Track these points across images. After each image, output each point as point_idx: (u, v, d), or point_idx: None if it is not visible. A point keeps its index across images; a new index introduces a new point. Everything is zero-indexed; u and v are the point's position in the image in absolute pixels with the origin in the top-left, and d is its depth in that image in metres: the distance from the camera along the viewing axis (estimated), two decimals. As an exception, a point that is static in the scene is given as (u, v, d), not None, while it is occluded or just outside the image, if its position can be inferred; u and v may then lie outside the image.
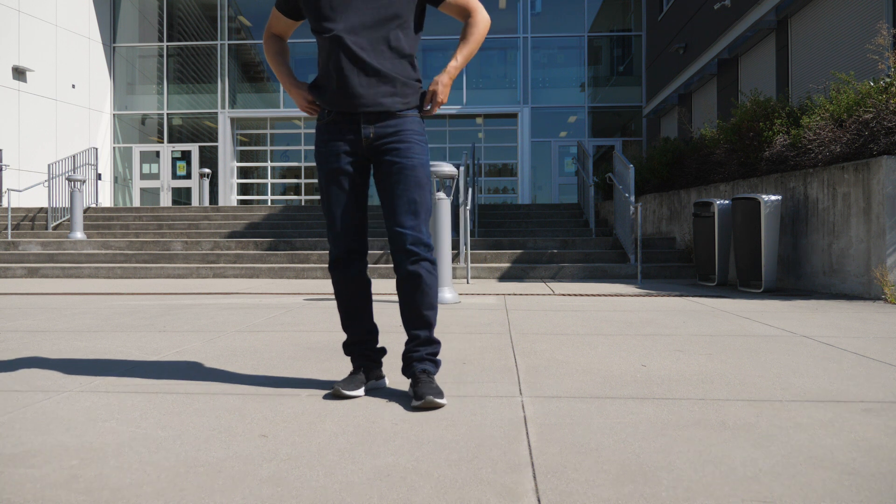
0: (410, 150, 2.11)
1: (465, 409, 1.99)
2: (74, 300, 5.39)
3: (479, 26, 2.18)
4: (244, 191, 18.51)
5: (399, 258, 2.12)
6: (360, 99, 2.06)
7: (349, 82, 2.05)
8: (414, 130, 2.13)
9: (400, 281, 2.15)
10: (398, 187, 2.09)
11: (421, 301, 2.13)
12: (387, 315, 4.28)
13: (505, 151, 17.93)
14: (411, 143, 2.12)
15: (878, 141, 5.18)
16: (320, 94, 2.14)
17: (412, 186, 2.10)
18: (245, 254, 8.80)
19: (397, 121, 2.11)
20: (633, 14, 17.80)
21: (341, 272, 2.18)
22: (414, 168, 2.11)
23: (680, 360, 2.76)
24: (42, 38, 15.70)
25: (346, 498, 1.33)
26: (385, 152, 2.11)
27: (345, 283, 2.19)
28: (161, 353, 2.94)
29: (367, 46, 2.05)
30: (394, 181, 2.10)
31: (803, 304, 4.91)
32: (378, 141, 2.10)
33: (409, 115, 2.13)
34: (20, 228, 11.76)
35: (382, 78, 2.07)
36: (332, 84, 2.08)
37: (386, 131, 2.10)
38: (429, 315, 2.15)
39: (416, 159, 2.12)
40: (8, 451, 1.61)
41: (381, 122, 2.09)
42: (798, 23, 9.51)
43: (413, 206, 2.10)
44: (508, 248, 8.79)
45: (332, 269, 2.20)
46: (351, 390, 2.10)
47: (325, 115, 2.14)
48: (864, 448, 1.62)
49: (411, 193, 2.10)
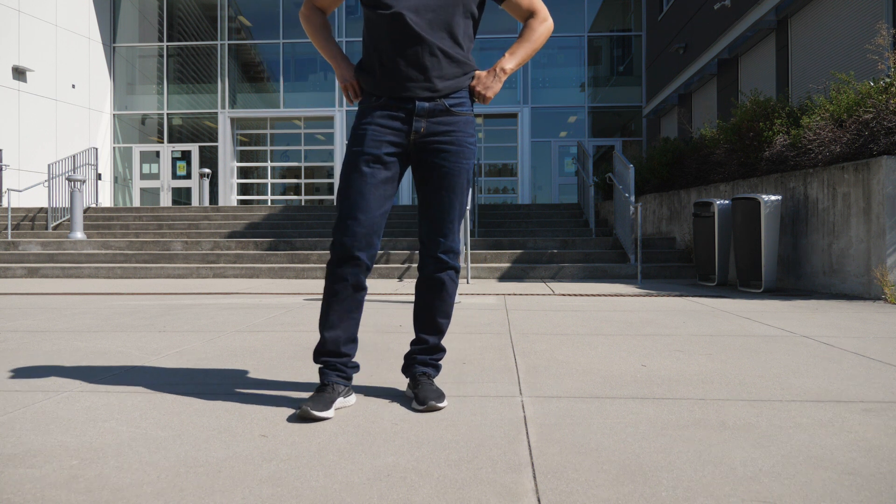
0: (462, 155, 2.01)
1: (465, 409, 1.99)
2: (74, 300, 5.39)
3: (543, 27, 2.05)
4: (244, 191, 18.51)
5: (428, 262, 2.06)
6: (413, 82, 1.93)
7: (403, 64, 1.92)
8: (467, 133, 2.02)
9: (423, 283, 2.09)
10: (443, 193, 2.00)
11: (439, 307, 2.09)
12: (386, 315, 4.28)
13: (505, 151, 17.94)
14: (463, 146, 2.01)
15: (878, 141, 5.18)
16: (366, 78, 2.00)
17: (458, 194, 2.02)
18: (245, 254, 8.80)
19: (452, 118, 1.99)
20: (633, 14, 17.80)
21: (348, 272, 1.95)
22: (460, 174, 2.01)
23: (680, 360, 2.76)
24: (42, 38, 15.70)
25: (346, 498, 1.33)
26: (434, 152, 1.99)
27: (345, 287, 1.96)
28: (161, 353, 2.94)
29: (427, 29, 1.91)
30: (438, 185, 2.00)
31: (803, 304, 4.91)
32: (428, 137, 1.98)
33: (464, 115, 2.01)
34: (20, 228, 11.75)
35: (440, 63, 1.93)
36: (385, 65, 1.94)
37: (438, 129, 1.98)
38: (442, 323, 2.12)
39: (465, 164, 2.02)
40: (8, 451, 1.61)
41: (435, 117, 1.97)
42: (798, 23, 9.51)
43: (454, 213, 2.03)
44: (508, 248, 8.79)
45: (338, 267, 1.95)
46: (320, 411, 1.84)
47: (374, 100, 1.98)
48: (864, 448, 1.62)
49: (455, 201, 2.02)
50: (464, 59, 1.99)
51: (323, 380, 1.97)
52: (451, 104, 1.99)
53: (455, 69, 1.97)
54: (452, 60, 1.96)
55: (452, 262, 2.07)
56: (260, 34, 18.24)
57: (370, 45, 1.99)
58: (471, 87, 2.02)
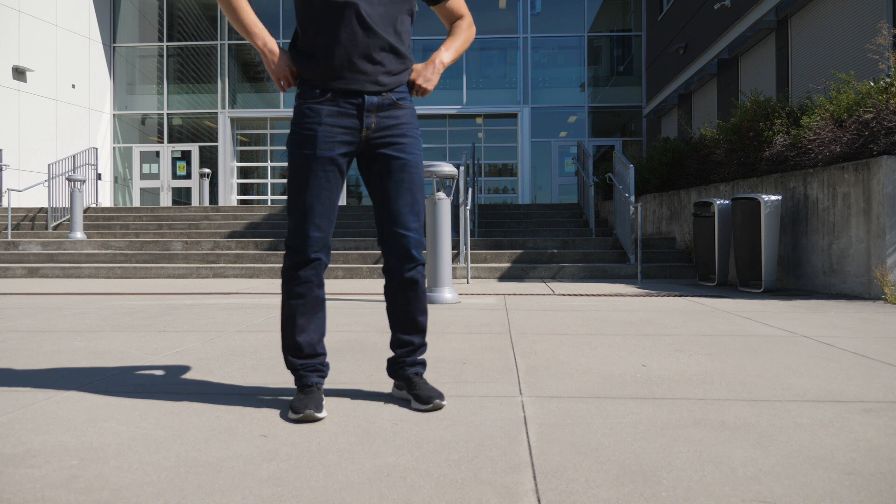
0: (413, 146, 2.00)
1: (465, 409, 1.99)
2: (74, 300, 5.39)
3: (471, 30, 2.13)
4: (244, 191, 18.51)
5: (397, 263, 2.00)
6: (363, 75, 1.90)
7: (354, 56, 1.88)
8: (413, 125, 2.02)
9: (395, 287, 2.04)
10: (402, 186, 1.97)
11: (416, 307, 2.06)
12: (385, 315, 4.27)
13: (505, 151, 17.94)
14: (412, 137, 2.00)
15: (878, 141, 5.18)
16: (306, 64, 1.92)
17: (416, 185, 1.99)
18: (245, 254, 8.80)
19: (400, 112, 1.98)
20: (633, 14, 17.80)
21: (311, 273, 1.94)
22: (416, 165, 1.99)
23: (680, 360, 2.76)
24: (42, 38, 15.71)
25: (346, 498, 1.33)
26: (385, 145, 1.97)
27: (310, 288, 1.95)
28: (161, 353, 2.94)
29: (379, 22, 1.90)
30: (397, 179, 1.97)
31: (803, 304, 4.91)
32: (379, 132, 1.96)
33: (409, 107, 2.01)
34: (20, 228, 11.75)
35: (388, 58, 1.93)
36: (332, 55, 1.88)
37: (388, 122, 1.96)
38: (422, 321, 2.10)
39: (418, 156, 2.01)
40: (8, 451, 1.61)
41: (384, 111, 1.95)
42: (798, 23, 9.51)
43: (416, 206, 1.99)
44: (508, 248, 8.79)
45: (300, 271, 1.94)
46: (320, 411, 1.86)
47: (318, 94, 1.92)
48: (864, 448, 1.62)
49: (415, 193, 1.99)
50: (406, 55, 2.00)
51: (305, 381, 1.97)
52: (398, 98, 1.99)
53: (399, 65, 1.98)
54: (398, 55, 1.97)
55: (420, 259, 2.03)
56: (260, 34, 18.22)
57: (311, 30, 1.91)
58: (410, 81, 2.02)
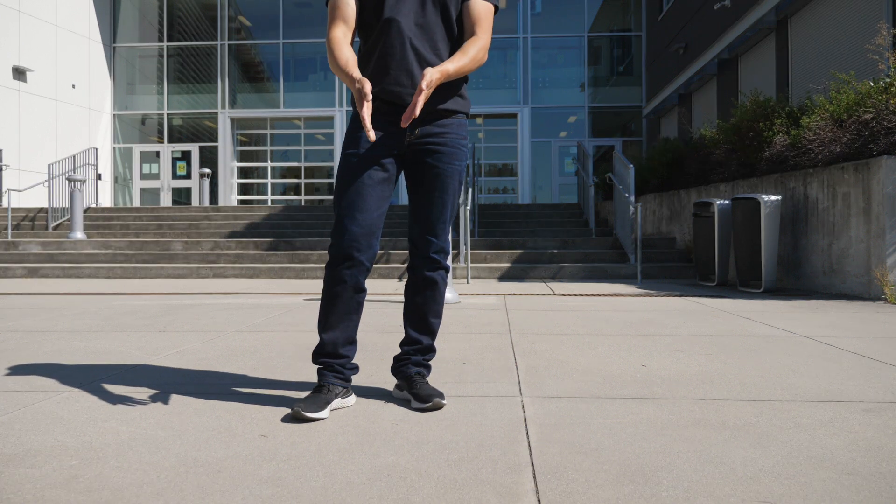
0: (454, 156, 2.04)
1: (465, 409, 1.99)
2: (74, 300, 5.39)
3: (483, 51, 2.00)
4: (244, 191, 18.50)
5: (419, 262, 2.09)
6: (404, 89, 1.96)
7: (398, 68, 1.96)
8: (459, 135, 2.06)
9: (414, 284, 2.11)
10: (435, 194, 2.04)
11: (430, 308, 2.11)
12: (386, 315, 4.27)
13: (505, 151, 17.93)
14: (456, 147, 2.05)
15: (878, 141, 5.18)
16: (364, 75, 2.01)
17: (450, 195, 2.06)
18: (245, 254, 8.80)
19: (445, 121, 2.03)
20: (633, 14, 17.80)
21: (347, 273, 1.94)
22: (453, 175, 2.05)
23: (680, 360, 2.76)
24: (42, 38, 15.70)
25: (346, 498, 1.33)
26: (427, 153, 2.02)
27: (345, 287, 1.95)
28: (161, 353, 2.94)
29: (420, 37, 1.98)
30: (431, 187, 2.03)
31: (803, 304, 4.91)
32: (422, 139, 2.01)
33: (457, 117, 2.06)
34: (20, 228, 11.75)
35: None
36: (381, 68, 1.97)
37: (432, 130, 2.02)
38: (434, 323, 2.14)
39: (458, 165, 2.05)
40: (8, 451, 1.61)
41: (430, 122, 2.01)
42: (798, 23, 9.51)
43: (446, 214, 2.06)
44: (508, 248, 8.79)
45: (337, 269, 1.94)
46: (313, 412, 1.84)
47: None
48: (864, 448, 1.62)
49: (447, 202, 2.05)
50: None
51: (320, 381, 1.98)
52: (444, 107, 2.02)
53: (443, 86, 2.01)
54: None
55: (444, 262, 2.11)
56: (260, 34, 18.24)
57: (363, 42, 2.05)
58: None
